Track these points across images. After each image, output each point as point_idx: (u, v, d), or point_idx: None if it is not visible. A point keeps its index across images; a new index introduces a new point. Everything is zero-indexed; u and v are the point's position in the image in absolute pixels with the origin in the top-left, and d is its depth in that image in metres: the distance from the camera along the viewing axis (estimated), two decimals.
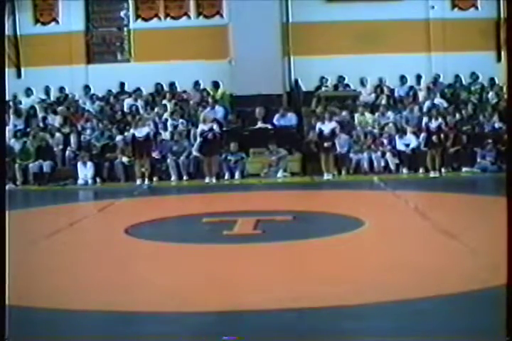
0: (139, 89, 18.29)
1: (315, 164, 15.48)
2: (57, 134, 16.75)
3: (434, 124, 15.36)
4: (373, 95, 17.87)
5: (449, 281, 5.41)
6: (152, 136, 15.51)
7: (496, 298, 4.29)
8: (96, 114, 17.58)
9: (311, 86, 18.17)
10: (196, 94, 18.04)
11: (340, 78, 18.15)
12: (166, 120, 16.86)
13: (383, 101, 17.51)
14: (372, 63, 17.63)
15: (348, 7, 17.89)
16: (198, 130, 15.69)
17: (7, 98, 16.52)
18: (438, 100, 17.13)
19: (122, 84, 18.59)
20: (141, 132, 15.25)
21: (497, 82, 17.39)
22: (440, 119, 15.45)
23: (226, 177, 15.56)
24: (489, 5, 18.01)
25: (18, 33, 18.62)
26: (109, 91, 18.46)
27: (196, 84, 18.25)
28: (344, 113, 16.73)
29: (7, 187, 13.57)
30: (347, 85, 18.20)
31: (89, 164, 15.62)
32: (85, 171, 15.60)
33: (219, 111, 17.05)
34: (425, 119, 15.69)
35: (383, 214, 9.28)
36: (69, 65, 18.53)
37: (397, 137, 15.92)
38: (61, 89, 18.60)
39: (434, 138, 15.25)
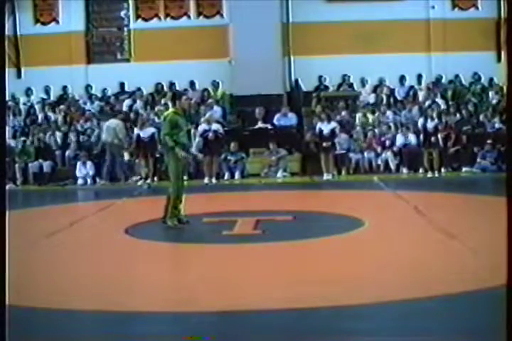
0: (139, 89, 18.29)
1: (315, 164, 15.48)
2: (57, 134, 16.76)
3: (430, 124, 15.36)
4: (373, 95, 17.87)
5: (449, 281, 5.41)
6: (157, 136, 15.48)
7: (495, 298, 4.30)
8: (96, 114, 17.58)
9: (311, 86, 18.19)
10: (194, 94, 18.02)
11: (345, 76, 18.13)
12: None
13: (383, 101, 17.51)
14: (372, 63, 17.63)
15: (348, 7, 17.89)
16: (199, 130, 15.64)
17: (7, 98, 16.53)
18: (438, 100, 17.15)
19: (122, 84, 18.61)
20: (146, 133, 15.25)
21: (497, 82, 17.40)
22: (436, 120, 15.44)
23: (226, 177, 15.56)
24: (489, 5, 18.00)
25: (18, 33, 18.62)
26: (104, 89, 18.44)
27: (192, 84, 18.26)
28: (344, 113, 16.74)
29: (7, 187, 13.58)
30: (351, 85, 18.19)
31: (89, 164, 15.63)
32: (85, 171, 15.60)
33: (217, 111, 17.04)
34: (421, 120, 15.70)
35: (383, 214, 9.28)
36: (69, 64, 18.53)
37: (397, 137, 15.92)
38: (64, 88, 18.60)
39: (432, 138, 15.25)
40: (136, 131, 15.49)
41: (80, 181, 15.58)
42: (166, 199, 8.78)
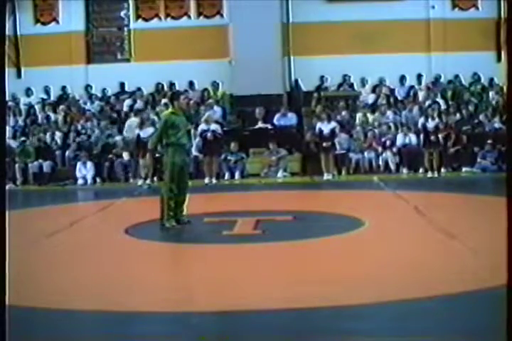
0: (139, 89, 18.29)
1: (315, 164, 15.48)
2: (57, 134, 16.77)
3: (430, 124, 15.36)
4: (373, 95, 17.87)
5: (449, 281, 5.41)
6: None
7: (495, 298, 4.29)
8: (96, 114, 17.59)
9: (311, 86, 18.19)
10: (194, 94, 18.02)
11: (346, 76, 18.14)
12: None
13: (383, 101, 17.51)
14: (372, 63, 17.64)
15: (348, 7, 17.90)
16: (198, 130, 15.64)
17: (7, 98, 16.53)
18: (438, 100, 17.15)
19: (122, 84, 18.61)
20: (146, 132, 15.23)
21: (497, 82, 17.40)
22: (437, 119, 15.45)
23: (226, 177, 15.56)
24: (489, 5, 18.01)
25: (18, 33, 18.64)
26: (104, 89, 18.45)
27: (191, 84, 18.26)
28: (344, 113, 16.75)
29: (7, 187, 13.58)
30: (351, 85, 18.19)
31: (89, 164, 15.63)
32: (85, 171, 15.60)
33: (217, 111, 17.04)
34: (421, 120, 15.70)
35: (383, 214, 9.27)
36: (69, 65, 18.54)
37: (397, 137, 15.92)
38: (63, 88, 18.61)
39: (432, 138, 15.25)
40: (136, 131, 15.48)
41: (80, 181, 15.58)
42: (159, 201, 8.75)
